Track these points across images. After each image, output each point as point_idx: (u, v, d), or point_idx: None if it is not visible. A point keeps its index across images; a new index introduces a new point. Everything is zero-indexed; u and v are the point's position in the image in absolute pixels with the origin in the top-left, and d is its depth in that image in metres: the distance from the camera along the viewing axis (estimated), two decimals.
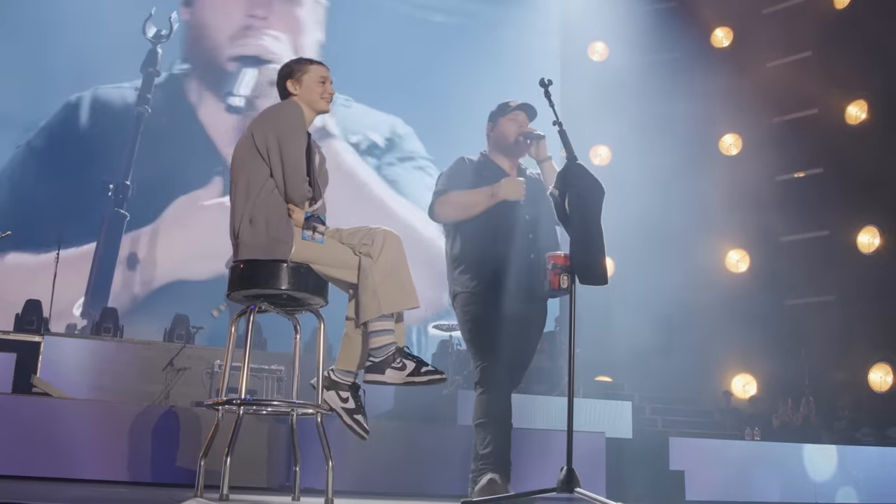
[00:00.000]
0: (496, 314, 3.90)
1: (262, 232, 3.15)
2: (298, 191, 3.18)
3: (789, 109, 13.96)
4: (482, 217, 3.94)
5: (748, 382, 13.72)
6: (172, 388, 9.07)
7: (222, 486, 2.91)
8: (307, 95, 3.43)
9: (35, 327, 10.49)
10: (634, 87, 13.83)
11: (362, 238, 3.17)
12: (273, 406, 3.47)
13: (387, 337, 3.13)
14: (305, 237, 3.11)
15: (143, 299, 13.08)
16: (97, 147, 13.19)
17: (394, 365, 3.08)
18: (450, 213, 3.99)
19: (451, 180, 4.04)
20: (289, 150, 3.18)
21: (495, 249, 3.92)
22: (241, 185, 3.25)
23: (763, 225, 13.63)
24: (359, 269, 3.15)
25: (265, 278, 3.12)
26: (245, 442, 4.83)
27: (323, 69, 3.48)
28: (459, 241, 4.03)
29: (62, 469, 4.75)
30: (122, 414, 5.02)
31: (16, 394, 6.94)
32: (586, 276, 2.98)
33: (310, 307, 3.32)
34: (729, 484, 7.36)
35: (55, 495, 2.06)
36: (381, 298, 3.07)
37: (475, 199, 3.92)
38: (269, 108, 3.38)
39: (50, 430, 4.86)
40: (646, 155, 13.83)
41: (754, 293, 13.38)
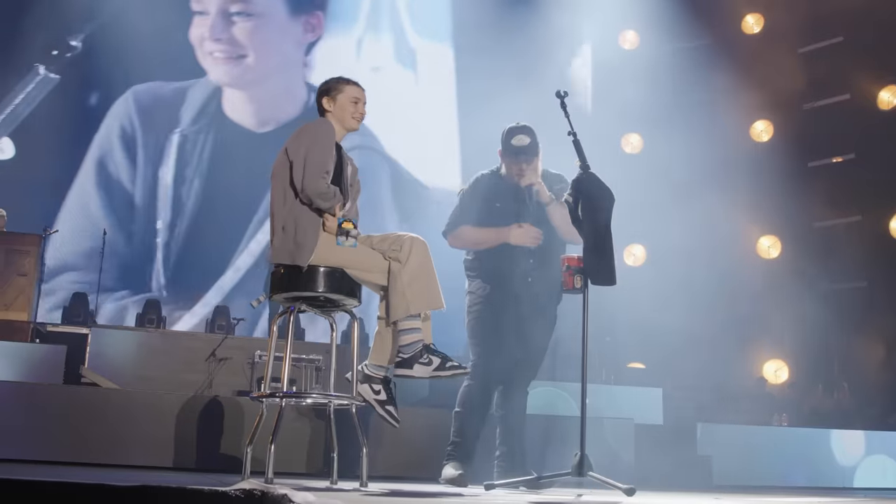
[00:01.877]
0: (498, 317, 4.23)
1: (291, 238, 3.43)
2: (313, 185, 3.41)
3: (821, 95, 13.91)
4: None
5: (780, 368, 13.76)
6: (215, 377, 9.36)
7: (267, 470, 3.20)
8: (340, 113, 3.69)
9: (82, 320, 10.86)
10: (666, 75, 13.83)
11: (391, 244, 3.43)
12: (312, 398, 3.74)
13: (415, 335, 3.40)
14: (340, 243, 3.37)
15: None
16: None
17: (421, 361, 3.36)
18: (459, 247, 4.38)
19: (464, 211, 4.36)
20: (313, 151, 3.46)
21: (501, 264, 4.24)
22: (277, 195, 3.53)
23: (795, 211, 13.62)
24: (388, 272, 3.42)
25: (304, 282, 3.41)
26: (286, 431, 5.10)
27: (357, 90, 3.73)
28: (473, 251, 4.38)
29: (111, 456, 4.97)
30: (168, 403, 5.23)
31: (67, 384, 7.26)
32: (596, 277, 3.22)
33: (344, 307, 3.60)
34: (756, 469, 7.46)
35: (107, 478, 2.30)
36: (409, 299, 3.34)
37: (485, 238, 4.29)
38: (303, 126, 3.65)
39: (99, 419, 5.10)
40: (677, 142, 13.88)
41: (786, 279, 13.36)
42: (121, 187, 13.14)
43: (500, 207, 4.31)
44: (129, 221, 13.17)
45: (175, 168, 13.33)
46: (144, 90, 13.35)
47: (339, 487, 3.27)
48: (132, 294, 12.88)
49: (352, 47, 13.88)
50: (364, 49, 13.98)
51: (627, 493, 3.05)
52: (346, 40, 13.86)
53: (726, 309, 13.02)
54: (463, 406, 4.19)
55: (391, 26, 13.90)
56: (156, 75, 13.23)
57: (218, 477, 3.60)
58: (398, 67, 13.95)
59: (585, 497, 3.06)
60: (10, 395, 5.14)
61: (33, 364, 7.29)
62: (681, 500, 3.52)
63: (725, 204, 13.62)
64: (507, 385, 4.29)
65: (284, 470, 5.02)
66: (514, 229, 4.22)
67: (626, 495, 3.05)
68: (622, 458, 6.52)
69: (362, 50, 13.96)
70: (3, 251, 8.66)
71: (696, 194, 13.32)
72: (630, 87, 13.70)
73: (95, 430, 5.05)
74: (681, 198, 13.21)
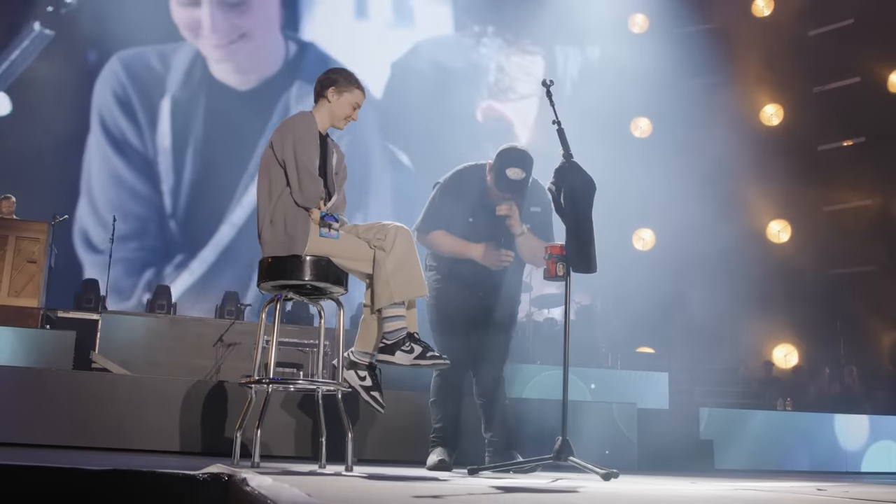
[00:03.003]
0: (457, 308, 4.23)
1: (281, 231, 3.49)
2: (307, 193, 3.49)
3: (831, 78, 13.87)
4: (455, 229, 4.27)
5: (789, 352, 13.76)
6: (223, 362, 9.45)
7: (254, 454, 3.27)
8: (336, 110, 3.72)
9: (92, 305, 10.98)
10: (675, 59, 13.79)
11: (376, 233, 3.48)
12: (299, 385, 3.81)
13: (398, 322, 3.46)
14: (323, 234, 3.44)
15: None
16: None
17: (403, 348, 3.42)
18: (428, 248, 4.36)
19: (438, 214, 4.27)
20: (301, 157, 3.50)
21: (458, 264, 4.25)
22: (263, 189, 3.60)
23: (804, 195, 13.59)
24: (373, 261, 3.48)
25: (290, 270, 3.47)
26: (278, 415, 5.18)
27: (362, 97, 3.77)
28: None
29: (120, 440, 5.05)
30: (175, 388, 5.31)
31: (77, 370, 7.36)
32: (577, 264, 3.26)
33: (331, 296, 3.66)
34: (758, 453, 7.51)
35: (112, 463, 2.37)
36: (393, 287, 3.40)
37: (455, 250, 4.23)
38: (286, 120, 3.69)
39: (108, 404, 5.18)
40: (686, 126, 13.87)
41: (796, 263, 13.37)
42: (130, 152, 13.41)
43: (474, 223, 4.24)
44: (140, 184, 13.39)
45: (171, 132, 13.56)
46: (130, 56, 13.62)
47: (325, 471, 3.34)
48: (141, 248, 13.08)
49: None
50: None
51: (605, 478, 3.10)
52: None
53: (735, 293, 13.01)
54: (436, 394, 4.25)
55: None
56: (139, 39, 13.44)
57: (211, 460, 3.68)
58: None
59: (561, 482, 3.11)
60: (20, 380, 5.23)
61: (44, 350, 7.39)
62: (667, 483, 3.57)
63: (735, 188, 13.62)
64: (476, 371, 4.32)
65: (278, 453, 5.12)
66: (484, 248, 4.16)
67: (602, 479, 3.10)
68: (625, 441, 6.57)
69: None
70: (13, 238, 8.76)
71: (705, 179, 13.30)
72: (639, 71, 13.68)
73: (104, 415, 5.14)
74: (690, 182, 13.20)
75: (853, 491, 3.17)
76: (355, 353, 3.58)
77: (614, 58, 14.07)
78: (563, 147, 3.43)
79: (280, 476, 1.93)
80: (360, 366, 3.57)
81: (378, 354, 3.48)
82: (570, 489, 2.68)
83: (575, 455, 3.23)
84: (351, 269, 3.55)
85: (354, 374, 3.55)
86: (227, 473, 1.92)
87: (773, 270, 13.37)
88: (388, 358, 3.43)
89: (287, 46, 14.17)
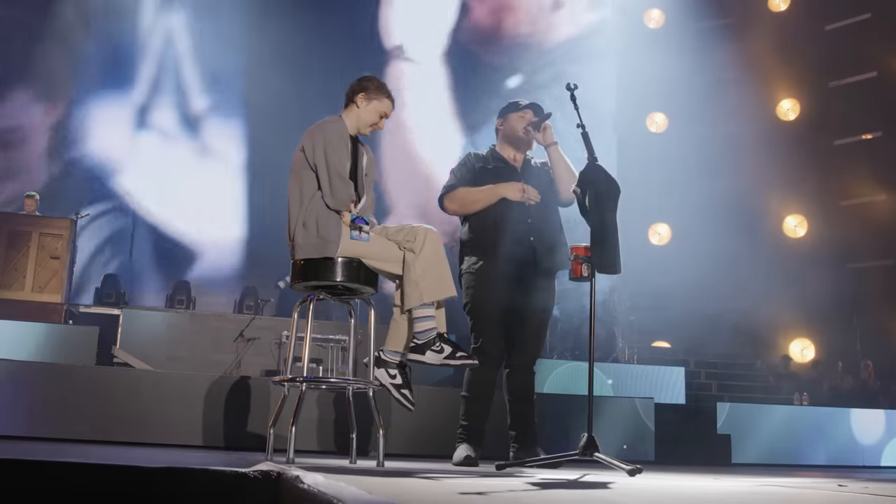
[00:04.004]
0: (495, 293, 4.27)
1: (314, 234, 3.58)
2: (338, 196, 3.58)
3: (848, 73, 13.84)
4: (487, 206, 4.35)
5: (806, 347, 13.77)
6: (243, 357, 9.55)
7: (289, 451, 3.36)
8: (364, 116, 3.82)
9: (113, 300, 11.09)
10: (691, 54, 13.78)
11: (406, 235, 3.58)
12: (331, 383, 3.90)
13: (429, 322, 3.55)
14: (353, 236, 3.53)
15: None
16: None
17: (433, 348, 3.52)
18: (456, 209, 4.40)
19: (460, 176, 4.43)
20: (332, 161, 3.59)
21: (495, 234, 4.29)
22: (294, 193, 3.69)
23: (821, 189, 13.59)
24: (403, 262, 3.57)
25: (323, 271, 3.57)
26: (311, 412, 5.26)
27: (391, 107, 3.87)
28: (467, 227, 4.44)
29: (143, 435, 5.15)
30: (197, 383, 5.41)
31: (99, 365, 7.46)
32: (601, 265, 3.33)
33: (361, 295, 3.75)
34: (775, 448, 7.56)
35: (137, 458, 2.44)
36: (423, 288, 3.49)
37: (478, 197, 4.32)
38: (317, 124, 3.78)
39: (131, 399, 5.28)
40: (702, 121, 13.88)
41: (813, 258, 13.36)
42: None
43: (492, 170, 4.42)
44: None
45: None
46: None
47: (358, 467, 3.42)
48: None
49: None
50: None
51: (630, 474, 3.17)
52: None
53: (752, 288, 13.04)
54: (468, 390, 4.30)
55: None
56: None
57: (242, 456, 3.77)
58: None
59: (588, 477, 3.18)
60: (44, 375, 5.32)
61: (67, 345, 7.48)
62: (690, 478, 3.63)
63: (751, 183, 13.61)
64: (512, 366, 4.37)
65: (309, 448, 5.21)
66: (510, 183, 4.31)
67: (628, 475, 3.17)
68: (643, 436, 6.64)
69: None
70: (37, 235, 8.88)
71: (721, 173, 13.32)
72: (655, 66, 13.69)
73: (127, 410, 5.23)
74: (706, 177, 13.23)
75: (873, 487, 3.23)
76: (386, 352, 3.68)
77: (629, 53, 14.06)
78: (588, 150, 3.50)
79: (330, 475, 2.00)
80: (390, 364, 3.66)
81: (409, 354, 3.58)
82: (600, 484, 2.75)
83: (600, 451, 3.30)
84: (381, 270, 3.64)
85: (385, 371, 3.64)
86: (277, 471, 1.99)
87: (789, 265, 13.37)
88: (418, 357, 3.53)
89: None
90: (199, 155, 11.84)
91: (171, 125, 11.69)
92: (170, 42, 11.72)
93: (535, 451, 4.18)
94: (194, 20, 11.78)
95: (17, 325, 7.43)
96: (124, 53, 11.77)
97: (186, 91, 11.80)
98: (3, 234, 8.81)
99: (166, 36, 11.71)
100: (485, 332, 4.26)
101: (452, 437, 4.22)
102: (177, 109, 11.72)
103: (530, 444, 4.25)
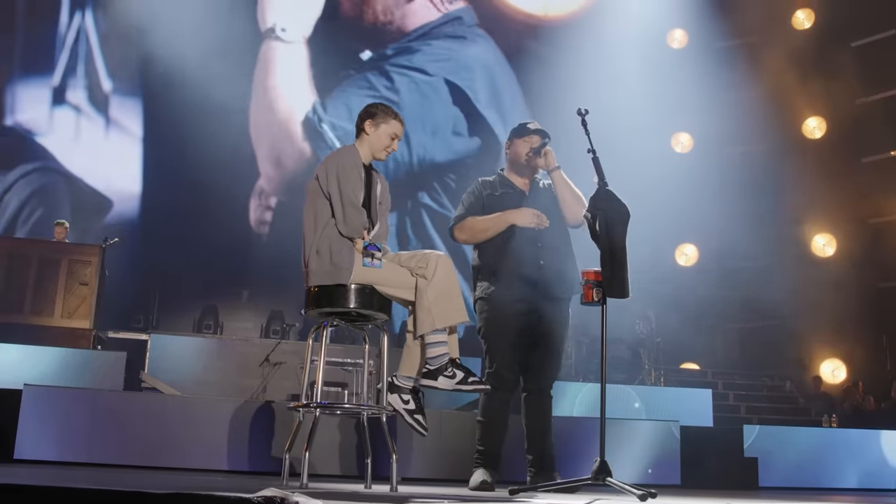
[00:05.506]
0: (508, 318, 4.31)
1: (327, 261, 3.64)
2: (350, 224, 3.65)
3: (874, 90, 13.73)
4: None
5: (837, 367, 13.59)
6: (269, 381, 9.61)
7: (302, 476, 3.41)
8: (375, 142, 3.89)
9: (141, 326, 11.22)
10: (715, 73, 13.77)
11: (418, 262, 3.63)
12: (345, 408, 3.93)
13: (441, 348, 3.58)
14: (366, 263, 3.59)
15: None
16: None
17: (446, 374, 3.55)
18: (466, 238, 4.47)
19: (468, 205, 4.51)
20: (345, 190, 3.66)
21: (506, 260, 4.34)
22: (309, 220, 3.75)
23: (850, 208, 13.46)
24: (415, 288, 3.61)
25: (337, 299, 3.63)
26: (327, 436, 5.30)
27: (399, 127, 3.93)
28: (479, 253, 4.50)
29: (171, 459, 5.22)
30: (224, 408, 5.49)
31: (127, 390, 7.54)
32: (611, 289, 3.35)
33: (375, 321, 3.80)
34: (803, 470, 7.46)
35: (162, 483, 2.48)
36: (435, 314, 3.53)
37: (487, 225, 4.39)
38: (331, 153, 3.86)
39: (159, 423, 5.35)
40: (728, 140, 13.85)
41: (842, 277, 13.20)
42: None
43: (501, 196, 4.47)
44: None
45: None
46: None
47: (371, 492, 3.45)
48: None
49: None
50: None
51: (641, 500, 3.16)
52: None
53: (780, 308, 12.92)
54: (484, 415, 4.32)
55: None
56: None
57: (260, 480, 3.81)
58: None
59: (599, 503, 3.18)
60: (74, 400, 5.41)
61: (95, 370, 7.56)
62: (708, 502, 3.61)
63: (778, 202, 13.53)
64: (529, 390, 4.39)
65: (321, 472, 5.25)
66: (519, 210, 4.35)
67: (640, 501, 3.16)
68: (669, 459, 6.58)
69: None
70: (66, 261, 9.01)
71: (747, 193, 13.25)
72: (679, 86, 13.68)
73: (156, 434, 5.31)
74: (732, 197, 13.16)
75: None
76: (399, 378, 3.71)
77: (653, 74, 14.06)
78: (598, 175, 3.53)
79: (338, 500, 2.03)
80: (403, 390, 3.69)
81: (421, 379, 3.61)
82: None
83: (613, 476, 3.29)
84: (394, 296, 3.68)
85: (398, 397, 3.67)
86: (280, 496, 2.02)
87: (818, 284, 13.21)
88: (431, 383, 3.56)
89: None
90: (105, 128, 13.70)
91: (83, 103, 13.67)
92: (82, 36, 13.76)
93: (552, 476, 4.19)
94: (101, 19, 13.75)
95: (47, 351, 7.53)
96: (45, 46, 13.72)
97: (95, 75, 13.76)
98: (34, 261, 8.94)
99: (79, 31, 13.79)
100: (499, 356, 4.29)
101: (469, 460, 4.24)
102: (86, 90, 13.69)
103: (547, 468, 4.25)
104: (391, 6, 15.06)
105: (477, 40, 15.28)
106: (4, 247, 9.04)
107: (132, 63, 13.53)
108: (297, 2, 14.74)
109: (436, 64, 14.81)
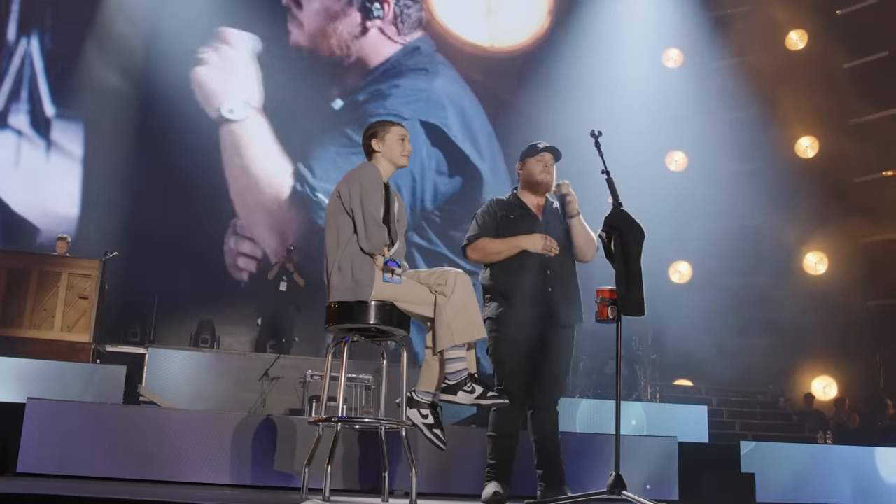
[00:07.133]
0: (517, 339, 4.39)
1: (349, 277, 3.70)
2: (372, 240, 3.73)
3: (867, 110, 13.85)
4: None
5: (828, 385, 13.67)
6: (268, 395, 9.62)
7: (325, 489, 3.45)
8: (389, 153, 3.98)
9: (139, 339, 11.22)
10: (709, 92, 13.89)
11: (437, 279, 3.70)
12: (365, 423, 3.98)
13: (460, 363, 3.65)
14: (386, 279, 3.65)
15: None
16: None
17: (465, 388, 3.62)
18: (478, 258, 4.56)
19: (482, 224, 4.59)
20: (367, 207, 3.73)
21: (516, 283, 4.42)
22: (331, 236, 3.83)
23: (842, 226, 13.55)
24: (434, 305, 3.67)
25: (357, 315, 3.70)
26: (345, 450, 5.32)
27: (402, 129, 4.03)
28: (489, 273, 4.58)
29: (172, 473, 5.22)
30: (224, 422, 5.48)
31: (126, 404, 7.54)
32: (626, 307, 3.42)
33: (394, 337, 3.85)
34: (800, 487, 7.51)
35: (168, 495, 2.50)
36: (454, 331, 3.60)
37: (500, 248, 4.48)
38: (352, 170, 3.94)
39: (159, 437, 5.35)
40: (722, 159, 13.93)
41: (834, 295, 13.28)
42: None
43: (514, 219, 4.55)
44: None
45: None
46: None
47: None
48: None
49: None
50: None
51: None
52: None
53: (773, 326, 12.99)
54: (494, 430, 4.40)
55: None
56: None
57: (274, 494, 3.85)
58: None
59: None
60: (74, 414, 5.40)
61: (95, 384, 7.55)
62: None
63: (771, 221, 13.63)
64: (535, 407, 4.47)
65: (344, 487, 5.26)
66: (532, 236, 4.43)
67: None
68: (666, 475, 6.62)
69: None
70: (66, 275, 9.02)
71: (741, 211, 13.36)
72: (674, 105, 13.79)
73: (156, 448, 5.31)
74: (726, 215, 13.27)
75: None
76: (418, 393, 3.77)
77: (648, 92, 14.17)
78: (613, 195, 3.60)
79: None
80: (422, 404, 3.75)
81: (441, 394, 3.66)
82: None
83: (628, 489, 3.35)
84: (413, 312, 3.75)
85: (417, 412, 3.73)
86: None
87: (810, 302, 13.30)
88: (450, 398, 3.63)
89: None
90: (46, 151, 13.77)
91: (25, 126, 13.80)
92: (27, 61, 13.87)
93: (562, 490, 4.24)
94: (47, 43, 13.87)
95: (47, 365, 7.53)
96: None
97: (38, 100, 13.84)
98: (35, 274, 8.95)
99: (23, 57, 13.88)
100: (507, 374, 4.38)
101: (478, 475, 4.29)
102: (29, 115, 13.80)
103: (557, 482, 4.31)
104: (346, 39, 14.89)
105: (439, 69, 15.31)
106: (5, 260, 9.04)
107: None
108: (231, 80, 14.40)
109: (409, 106, 14.72)
